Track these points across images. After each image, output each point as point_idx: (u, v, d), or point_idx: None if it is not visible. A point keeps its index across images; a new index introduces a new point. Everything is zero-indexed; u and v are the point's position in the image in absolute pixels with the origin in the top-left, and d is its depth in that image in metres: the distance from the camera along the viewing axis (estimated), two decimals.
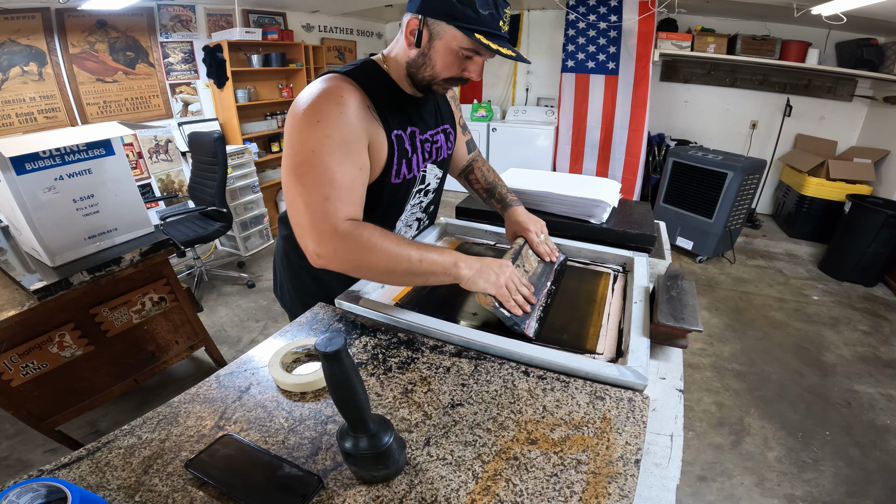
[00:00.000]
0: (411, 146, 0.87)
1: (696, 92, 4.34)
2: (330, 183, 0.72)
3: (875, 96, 3.71)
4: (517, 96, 5.09)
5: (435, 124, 0.95)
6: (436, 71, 0.79)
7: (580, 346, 0.79)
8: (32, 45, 2.65)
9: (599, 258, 1.11)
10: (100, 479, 0.54)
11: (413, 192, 0.94)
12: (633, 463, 0.55)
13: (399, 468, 0.54)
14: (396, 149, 0.83)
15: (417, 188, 0.94)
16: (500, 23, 0.74)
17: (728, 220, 3.24)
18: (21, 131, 2.66)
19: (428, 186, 1.00)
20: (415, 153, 0.88)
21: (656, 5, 3.46)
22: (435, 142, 0.95)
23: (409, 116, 0.86)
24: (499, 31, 0.74)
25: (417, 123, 0.88)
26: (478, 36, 0.72)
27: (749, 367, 2.29)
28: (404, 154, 0.85)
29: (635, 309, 0.84)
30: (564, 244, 1.13)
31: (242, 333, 2.58)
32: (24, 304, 1.37)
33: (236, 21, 3.53)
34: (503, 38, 0.75)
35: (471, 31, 0.72)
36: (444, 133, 0.98)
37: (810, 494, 1.61)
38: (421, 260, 0.74)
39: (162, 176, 3.37)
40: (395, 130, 0.82)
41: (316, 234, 0.72)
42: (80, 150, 1.48)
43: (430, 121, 0.93)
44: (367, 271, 0.75)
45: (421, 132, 0.89)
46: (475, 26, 0.72)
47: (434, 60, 0.77)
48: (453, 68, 0.78)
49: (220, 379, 0.72)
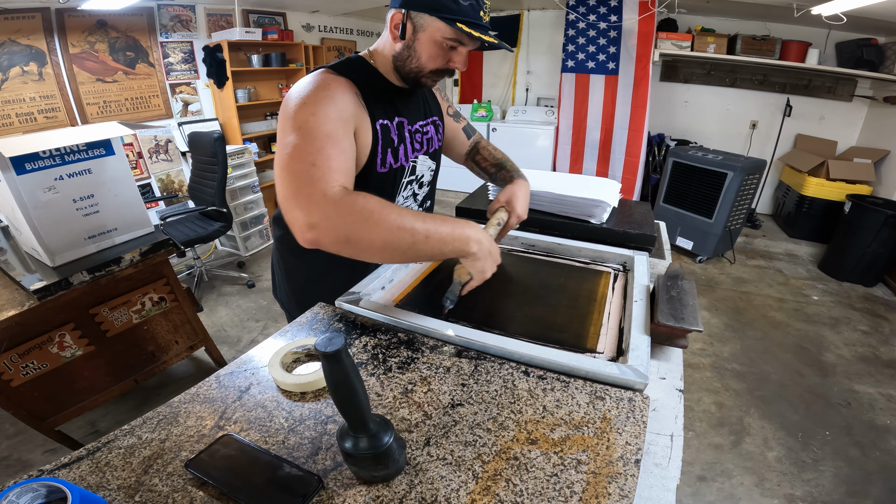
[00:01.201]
0: (398, 136, 0.87)
1: (696, 92, 4.34)
2: (318, 151, 0.68)
3: (875, 96, 3.71)
4: (517, 96, 5.09)
5: (424, 116, 0.96)
6: (421, 62, 0.80)
7: (581, 346, 0.79)
8: (32, 45, 2.65)
9: (599, 257, 1.11)
10: (100, 479, 0.54)
11: (403, 183, 0.94)
12: (633, 463, 0.55)
13: (399, 468, 0.54)
14: (381, 138, 0.83)
15: (408, 179, 0.94)
16: (481, 13, 0.76)
17: (728, 220, 3.24)
18: (21, 131, 2.66)
19: (421, 178, 1.00)
20: (402, 143, 0.88)
21: (656, 5, 3.46)
22: (426, 133, 0.96)
23: (397, 107, 0.87)
24: (480, 20, 0.76)
25: (405, 114, 0.89)
26: (460, 25, 0.73)
27: (749, 367, 2.29)
28: (389, 143, 0.85)
29: (636, 307, 0.84)
30: (564, 244, 1.13)
31: (242, 333, 2.58)
32: (24, 304, 1.37)
33: (236, 21, 3.53)
34: (484, 27, 0.77)
35: (453, 20, 0.73)
36: (434, 125, 0.99)
37: (810, 494, 1.61)
38: (427, 237, 0.68)
39: (162, 176, 3.37)
40: (380, 120, 0.83)
41: (304, 201, 0.65)
42: (80, 150, 1.48)
43: (419, 112, 0.93)
44: (364, 245, 0.66)
45: (410, 123, 0.90)
46: (457, 16, 0.74)
47: (419, 52, 0.79)
48: (438, 59, 0.79)
49: (220, 379, 0.72)
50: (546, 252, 1.15)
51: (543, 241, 1.16)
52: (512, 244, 1.18)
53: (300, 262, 1.06)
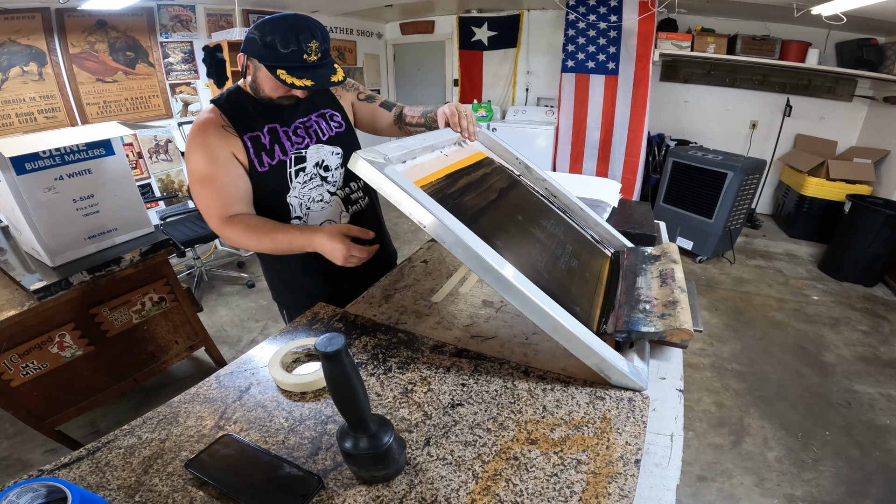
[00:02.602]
0: (270, 139, 1.02)
1: (696, 92, 4.34)
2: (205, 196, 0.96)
3: (875, 96, 3.71)
4: (517, 96, 5.09)
5: (304, 114, 1.08)
6: (266, 93, 0.96)
7: (590, 325, 0.73)
8: (32, 45, 2.65)
9: (605, 239, 1.11)
10: (100, 479, 0.54)
11: (290, 173, 1.05)
12: (633, 463, 0.55)
13: (399, 468, 0.54)
14: (251, 146, 0.99)
15: (295, 168, 1.05)
16: (305, 56, 0.88)
17: (728, 220, 3.24)
18: (21, 131, 2.66)
19: (325, 164, 1.09)
20: (276, 143, 1.02)
21: (656, 5, 3.46)
22: (308, 126, 1.08)
23: (267, 117, 1.02)
24: (304, 63, 0.88)
25: (276, 120, 1.03)
26: (279, 73, 0.87)
27: (749, 367, 2.29)
28: (262, 148, 1.00)
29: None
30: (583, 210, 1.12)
31: (242, 333, 2.58)
32: (24, 304, 1.37)
33: (236, 21, 3.53)
34: (310, 67, 0.89)
35: (273, 68, 0.88)
36: (324, 116, 1.11)
37: (810, 494, 1.61)
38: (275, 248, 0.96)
39: (162, 176, 3.37)
40: (247, 133, 0.98)
41: (212, 229, 0.99)
42: (80, 150, 1.48)
43: (295, 114, 1.06)
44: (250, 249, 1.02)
45: (283, 125, 1.04)
46: (278, 63, 0.87)
47: (262, 85, 0.96)
48: (279, 90, 0.95)
49: (220, 379, 0.72)
50: (564, 209, 1.13)
51: (565, 196, 1.13)
52: (536, 186, 1.15)
53: (283, 265, 1.19)
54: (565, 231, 1.02)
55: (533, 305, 0.65)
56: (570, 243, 0.97)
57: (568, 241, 0.97)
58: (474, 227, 0.70)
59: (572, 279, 0.83)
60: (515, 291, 0.64)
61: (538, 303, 0.64)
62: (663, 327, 0.70)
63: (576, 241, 1.01)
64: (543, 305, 0.65)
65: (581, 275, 0.87)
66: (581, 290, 0.83)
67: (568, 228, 1.05)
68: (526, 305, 0.65)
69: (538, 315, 0.65)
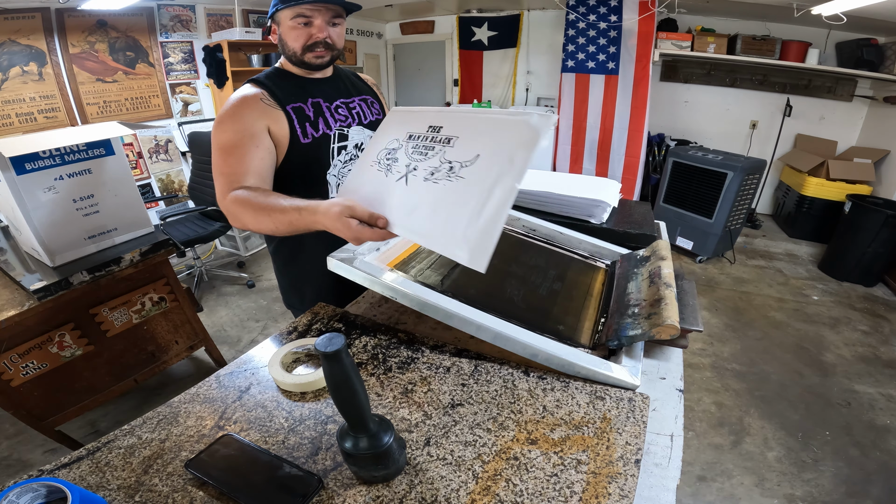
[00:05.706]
0: (314, 112, 1.03)
1: (696, 92, 4.34)
2: (221, 164, 0.94)
3: (875, 96, 3.71)
4: (517, 96, 5.09)
5: (347, 95, 1.12)
6: (291, 45, 0.99)
7: (575, 340, 0.78)
8: (32, 45, 2.65)
9: (598, 253, 1.11)
10: (100, 479, 0.54)
11: (334, 149, 1.06)
12: (633, 463, 0.55)
13: (399, 468, 0.54)
14: (295, 116, 1.00)
15: (338, 145, 1.07)
16: None
17: (728, 220, 3.24)
18: (21, 131, 2.66)
19: (363, 146, 1.11)
20: (320, 116, 1.04)
21: (656, 5, 3.46)
22: (352, 107, 1.11)
23: (310, 91, 1.04)
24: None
25: (320, 95, 1.06)
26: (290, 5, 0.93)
27: (749, 367, 2.29)
28: (306, 119, 1.02)
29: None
30: (566, 233, 1.13)
31: (242, 333, 2.58)
32: (24, 304, 1.37)
33: (236, 21, 3.53)
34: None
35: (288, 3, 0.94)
36: (364, 101, 1.15)
37: (810, 494, 1.61)
38: (276, 228, 0.88)
39: (162, 176, 3.37)
40: (290, 104, 1.00)
41: (218, 202, 0.95)
42: (80, 150, 1.48)
43: (337, 93, 1.10)
44: (252, 229, 0.92)
45: (327, 101, 1.06)
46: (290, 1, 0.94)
47: (286, 39, 0.99)
48: (301, 38, 0.98)
49: (220, 379, 0.72)
50: (546, 239, 1.15)
51: (545, 227, 1.16)
52: (514, 226, 1.18)
53: (291, 266, 1.19)
54: (548, 259, 1.05)
55: (506, 338, 0.72)
56: (552, 268, 1.01)
57: (550, 267, 1.01)
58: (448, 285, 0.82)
59: (555, 301, 0.89)
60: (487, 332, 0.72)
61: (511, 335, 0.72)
62: (649, 327, 0.71)
63: (559, 264, 1.04)
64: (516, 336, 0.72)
65: (566, 294, 0.92)
66: (566, 308, 0.88)
67: (551, 255, 1.08)
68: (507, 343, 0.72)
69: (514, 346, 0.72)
